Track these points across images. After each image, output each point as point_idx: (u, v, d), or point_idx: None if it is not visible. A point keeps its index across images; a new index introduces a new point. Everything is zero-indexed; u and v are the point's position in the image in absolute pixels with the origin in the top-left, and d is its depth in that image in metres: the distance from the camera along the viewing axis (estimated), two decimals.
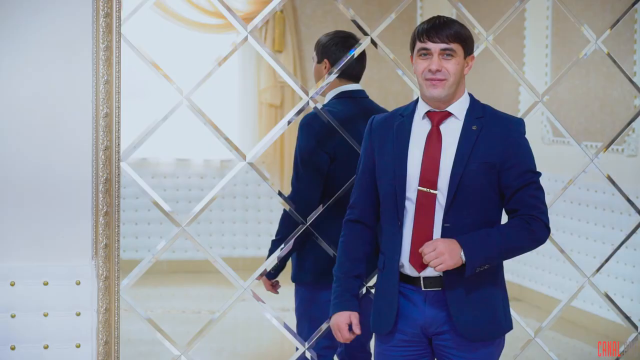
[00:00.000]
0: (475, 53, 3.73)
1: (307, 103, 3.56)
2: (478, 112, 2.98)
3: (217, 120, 3.53)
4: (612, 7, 6.09)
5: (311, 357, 3.60)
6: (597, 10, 6.23)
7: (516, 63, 6.89)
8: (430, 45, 2.91)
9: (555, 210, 6.47)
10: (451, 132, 2.96)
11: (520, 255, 3.05)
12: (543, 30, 6.86)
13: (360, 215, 3.09)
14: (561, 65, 6.62)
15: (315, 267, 3.70)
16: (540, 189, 2.98)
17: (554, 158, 6.63)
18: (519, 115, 3.21)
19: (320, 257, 3.67)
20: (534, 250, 2.98)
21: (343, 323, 3.04)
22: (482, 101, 3.06)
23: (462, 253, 2.86)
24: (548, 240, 4.01)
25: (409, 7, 7.84)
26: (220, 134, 3.47)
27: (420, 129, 2.99)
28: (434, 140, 2.95)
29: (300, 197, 3.65)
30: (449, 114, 2.97)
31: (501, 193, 2.97)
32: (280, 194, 3.59)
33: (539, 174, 2.99)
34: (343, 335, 3.04)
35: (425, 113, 2.98)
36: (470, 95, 3.03)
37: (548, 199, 3.20)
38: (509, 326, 3.03)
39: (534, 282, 6.92)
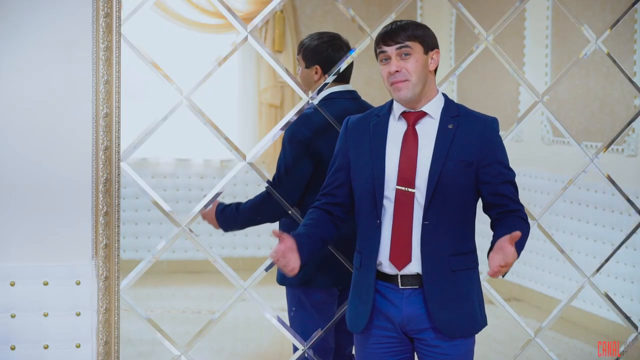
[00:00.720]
0: (475, 53, 3.73)
1: (307, 103, 3.56)
2: (453, 111, 3.02)
3: (217, 120, 3.53)
4: (612, 7, 6.09)
5: (310, 357, 3.60)
6: (597, 10, 6.23)
7: (516, 63, 6.89)
8: (385, 48, 2.96)
9: (555, 210, 6.47)
10: (427, 131, 2.99)
11: (521, 256, 3.05)
12: (543, 30, 6.86)
13: (328, 206, 3.10)
14: (561, 65, 6.62)
15: (300, 273, 3.66)
16: (515, 187, 3.05)
17: (554, 158, 6.63)
18: (518, 116, 3.22)
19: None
20: (534, 250, 2.99)
21: (280, 245, 2.94)
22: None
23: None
24: (548, 240, 4.04)
25: (409, 7, 7.84)
26: (220, 134, 3.47)
27: (396, 129, 3.02)
28: (410, 139, 2.98)
29: (280, 196, 3.60)
30: (424, 114, 3.00)
31: (477, 190, 3.01)
32: (268, 181, 3.57)
33: (514, 172, 3.05)
34: (277, 249, 2.93)
35: (401, 114, 3.02)
36: (445, 95, 3.06)
37: (548, 199, 3.20)
38: (484, 322, 3.08)
39: (534, 282, 6.92)
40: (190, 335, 3.55)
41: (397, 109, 3.03)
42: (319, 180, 3.49)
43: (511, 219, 2.99)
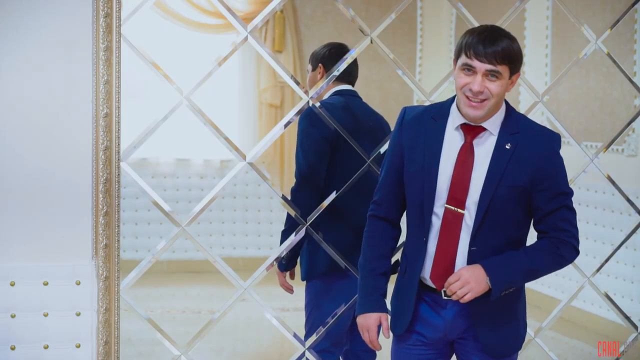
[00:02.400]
0: None
1: (307, 103, 3.57)
2: (513, 127, 2.86)
3: (217, 120, 3.53)
4: (612, 7, 6.09)
5: (311, 357, 3.60)
6: (597, 10, 6.23)
7: None
8: (476, 64, 2.76)
9: None
10: (484, 148, 2.85)
11: None
12: (543, 30, 6.86)
13: (386, 213, 3.00)
14: (561, 65, 6.62)
15: (328, 259, 3.71)
16: (572, 211, 2.89)
17: None
18: None
19: (323, 251, 3.69)
20: None
21: (373, 324, 2.96)
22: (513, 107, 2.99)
23: (487, 280, 2.80)
24: None
25: (409, 7, 7.83)
26: (220, 134, 3.47)
27: (452, 140, 2.87)
28: (466, 156, 2.84)
29: (306, 181, 3.73)
30: (484, 129, 2.85)
31: (530, 212, 2.90)
32: (284, 197, 3.60)
33: (571, 193, 2.90)
34: (371, 336, 2.96)
35: (460, 125, 2.86)
36: (507, 105, 2.89)
37: None
38: (522, 340, 3.01)
39: (534, 282, 6.92)
40: (190, 335, 3.55)
41: (457, 118, 2.86)
42: (339, 162, 3.72)
43: (536, 243, 2.89)
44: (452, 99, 2.92)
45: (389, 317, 3.02)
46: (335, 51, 3.91)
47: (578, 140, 3.96)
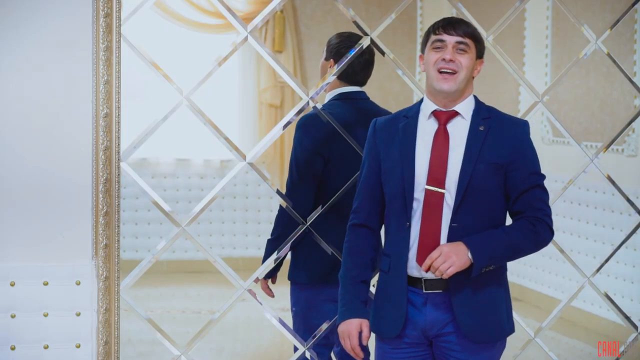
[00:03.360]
0: None
1: (307, 103, 3.56)
2: (484, 113, 2.99)
3: (217, 120, 3.52)
4: (612, 7, 6.09)
5: (310, 357, 3.60)
6: (597, 10, 6.23)
7: (516, 63, 6.89)
8: (445, 37, 2.92)
9: (555, 210, 6.40)
10: (458, 131, 2.96)
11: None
12: (543, 30, 6.86)
13: (366, 219, 3.06)
14: (561, 65, 6.62)
15: (311, 268, 3.68)
16: (545, 191, 2.99)
17: (554, 158, 6.63)
18: (519, 116, 3.22)
19: (316, 258, 3.66)
20: None
21: (354, 330, 3.00)
22: (482, 101, 3.06)
23: (469, 253, 2.85)
24: None
25: (409, 7, 7.83)
26: (220, 134, 3.47)
27: (426, 128, 2.98)
28: (441, 139, 2.94)
29: (294, 200, 3.63)
30: (456, 113, 2.97)
31: (506, 194, 2.97)
32: (278, 192, 3.59)
33: (544, 176, 3.00)
34: (352, 342, 3.00)
35: (432, 112, 2.98)
36: (475, 97, 3.03)
37: None
38: (511, 329, 3.03)
39: (534, 282, 6.92)
40: (190, 335, 3.55)
41: (428, 107, 2.99)
42: (330, 175, 3.60)
43: (512, 223, 2.97)
44: (421, 99, 3.04)
45: (371, 322, 3.04)
46: (346, 47, 3.70)
47: (578, 140, 3.96)
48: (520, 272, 7.01)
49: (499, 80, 7.21)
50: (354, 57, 3.62)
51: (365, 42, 3.60)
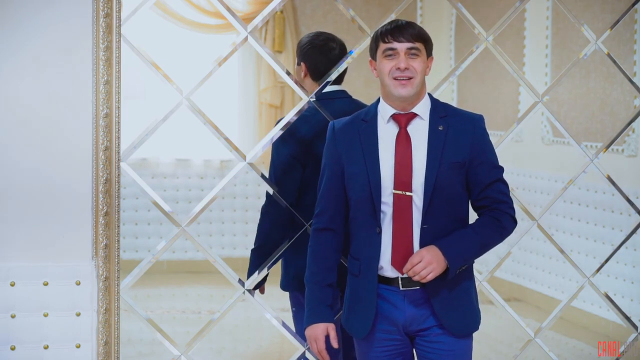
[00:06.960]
0: (476, 53, 3.73)
1: (307, 103, 3.56)
2: (440, 111, 3.04)
3: (217, 120, 3.52)
4: (612, 7, 6.09)
5: (310, 357, 3.60)
6: (597, 10, 6.23)
7: (516, 63, 6.89)
8: (396, 44, 2.95)
9: (555, 211, 6.47)
10: (419, 133, 3.00)
11: (521, 256, 3.06)
12: (543, 30, 6.86)
13: (329, 222, 3.09)
14: (561, 65, 6.62)
15: (299, 275, 3.65)
16: (505, 184, 3.08)
17: (554, 158, 6.63)
18: (518, 116, 3.22)
19: (304, 264, 3.63)
20: (534, 251, 3.00)
21: (321, 335, 3.06)
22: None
23: (445, 259, 2.93)
24: (548, 241, 4.03)
25: (409, 7, 7.83)
26: (220, 134, 3.47)
27: (387, 132, 3.02)
28: (403, 142, 2.99)
29: (274, 202, 3.58)
30: (415, 115, 3.01)
31: (468, 189, 3.04)
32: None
33: (503, 168, 3.08)
34: (319, 346, 3.06)
35: (391, 116, 3.02)
36: (430, 95, 3.08)
37: (548, 199, 3.20)
38: (480, 319, 3.10)
39: (534, 282, 6.92)
40: (190, 336, 3.55)
41: (386, 111, 3.03)
42: (309, 180, 3.52)
43: (479, 220, 3.03)
44: (377, 101, 3.08)
45: (343, 322, 3.09)
46: (319, 48, 3.60)
47: (578, 141, 3.97)
48: (520, 272, 7.01)
49: (499, 80, 7.21)
50: (353, 58, 3.62)
51: (365, 42, 3.59)
